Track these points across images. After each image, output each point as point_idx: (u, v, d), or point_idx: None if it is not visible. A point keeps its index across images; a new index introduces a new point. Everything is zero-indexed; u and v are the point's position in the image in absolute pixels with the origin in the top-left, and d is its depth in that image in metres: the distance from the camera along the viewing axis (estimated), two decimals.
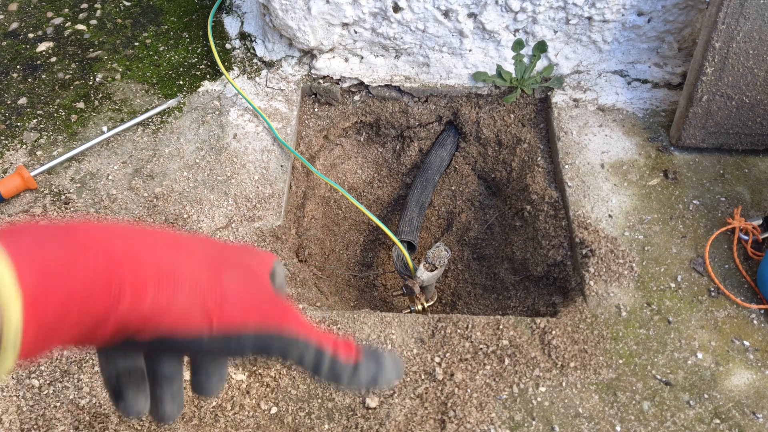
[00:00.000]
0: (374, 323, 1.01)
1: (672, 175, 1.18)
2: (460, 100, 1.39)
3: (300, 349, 0.33)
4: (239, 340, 0.31)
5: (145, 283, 0.29)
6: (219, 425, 0.91)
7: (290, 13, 1.28)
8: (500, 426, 0.90)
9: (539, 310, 1.15)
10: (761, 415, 0.91)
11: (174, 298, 0.30)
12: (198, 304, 0.30)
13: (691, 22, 1.29)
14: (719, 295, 1.03)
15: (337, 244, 1.46)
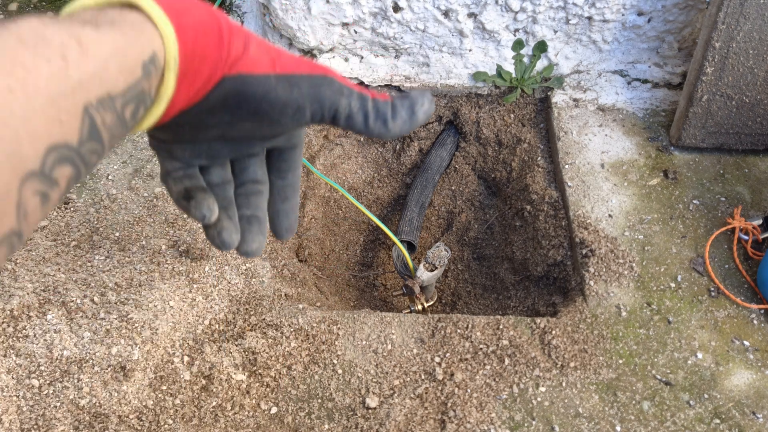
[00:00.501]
0: (374, 323, 1.01)
1: (672, 175, 1.18)
2: (460, 100, 1.39)
3: (346, 95, 0.39)
4: (297, 81, 0.38)
5: (232, 32, 0.36)
6: (219, 425, 0.91)
7: (290, 13, 1.28)
8: (500, 426, 0.90)
9: (539, 310, 1.15)
10: (761, 415, 0.91)
11: (248, 48, 0.37)
12: (264, 54, 0.37)
13: (691, 22, 1.29)
14: (719, 295, 1.03)
15: (337, 244, 1.46)
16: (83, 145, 0.28)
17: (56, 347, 0.95)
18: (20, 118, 0.25)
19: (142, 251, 1.09)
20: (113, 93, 0.29)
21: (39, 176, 0.26)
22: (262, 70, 0.37)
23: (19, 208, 0.25)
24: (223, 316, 1.01)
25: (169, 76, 0.32)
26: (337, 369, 0.96)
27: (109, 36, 0.29)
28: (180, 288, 1.03)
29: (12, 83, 0.24)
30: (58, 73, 0.26)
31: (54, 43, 0.26)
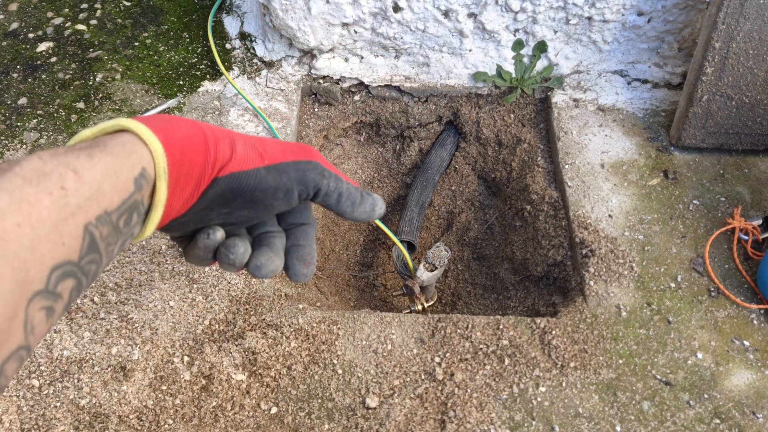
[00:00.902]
0: (374, 323, 1.01)
1: (672, 175, 1.18)
2: (460, 100, 1.39)
3: (327, 177, 0.43)
4: (285, 168, 0.41)
5: (217, 138, 0.39)
6: (219, 425, 0.91)
7: (290, 13, 1.28)
8: (500, 426, 0.90)
9: (539, 310, 1.15)
10: (761, 415, 0.91)
11: (235, 149, 0.40)
12: (251, 150, 0.41)
13: (691, 22, 1.29)
14: (719, 295, 1.03)
15: (337, 244, 1.46)
16: (83, 258, 0.31)
17: (56, 347, 0.95)
18: (28, 248, 0.28)
19: (142, 251, 1.09)
20: (109, 209, 0.33)
21: (44, 294, 0.29)
22: (252, 165, 0.41)
23: (26, 325, 0.28)
24: (223, 316, 1.01)
25: (160, 185, 0.36)
26: (337, 369, 0.96)
27: (101, 161, 0.33)
28: (180, 288, 1.03)
29: (20, 219, 0.28)
30: (58, 201, 0.30)
31: (53, 176, 0.30)
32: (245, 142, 0.41)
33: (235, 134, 0.42)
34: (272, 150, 0.42)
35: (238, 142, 0.41)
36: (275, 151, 0.42)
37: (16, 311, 0.27)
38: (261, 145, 0.42)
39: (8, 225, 0.27)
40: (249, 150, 0.41)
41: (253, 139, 0.42)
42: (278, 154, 0.42)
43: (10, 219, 0.28)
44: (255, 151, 0.41)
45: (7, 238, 0.27)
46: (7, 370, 0.27)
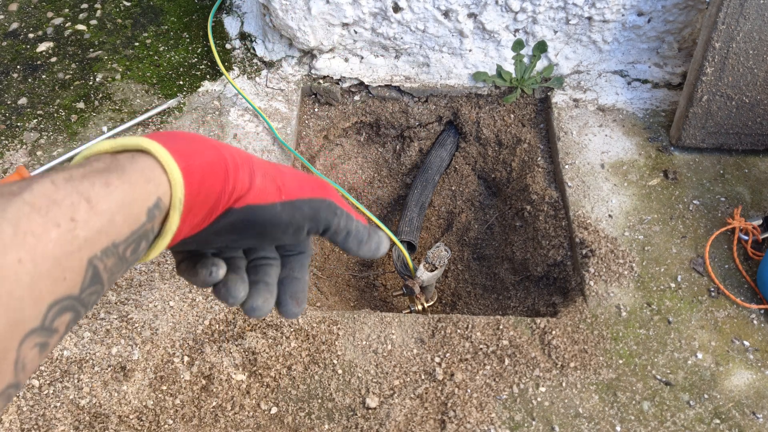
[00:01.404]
0: (374, 323, 1.01)
1: (672, 175, 1.18)
2: (460, 100, 1.39)
3: (338, 215, 0.43)
4: (300, 205, 0.41)
5: (237, 167, 0.38)
6: (219, 425, 0.91)
7: (290, 13, 1.28)
8: (500, 426, 0.90)
9: (539, 310, 1.15)
10: (761, 415, 0.91)
11: (254, 180, 0.39)
12: (270, 183, 0.40)
13: (691, 22, 1.29)
14: (719, 295, 1.03)
15: None
16: (84, 291, 0.30)
17: (56, 347, 0.95)
18: (26, 286, 0.26)
19: None
20: (117, 241, 0.31)
21: (39, 331, 0.27)
22: (269, 200, 0.40)
23: (17, 364, 0.26)
24: (223, 316, 1.01)
25: (173, 215, 0.35)
26: (337, 369, 0.96)
27: (117, 189, 0.31)
28: (180, 288, 1.03)
29: (22, 255, 0.26)
30: (66, 234, 0.28)
31: (64, 204, 0.29)
32: (265, 173, 0.40)
33: (255, 162, 0.41)
34: (290, 185, 0.41)
35: (258, 172, 0.40)
36: (293, 186, 0.41)
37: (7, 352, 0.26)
38: (280, 178, 0.41)
39: (9, 262, 0.26)
40: (268, 183, 0.40)
41: (273, 170, 0.41)
42: (296, 189, 0.41)
43: (12, 255, 0.26)
44: (274, 184, 0.40)
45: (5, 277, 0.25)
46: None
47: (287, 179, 0.42)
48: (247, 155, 0.41)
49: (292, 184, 0.41)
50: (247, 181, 0.39)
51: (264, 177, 0.40)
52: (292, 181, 0.42)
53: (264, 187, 0.40)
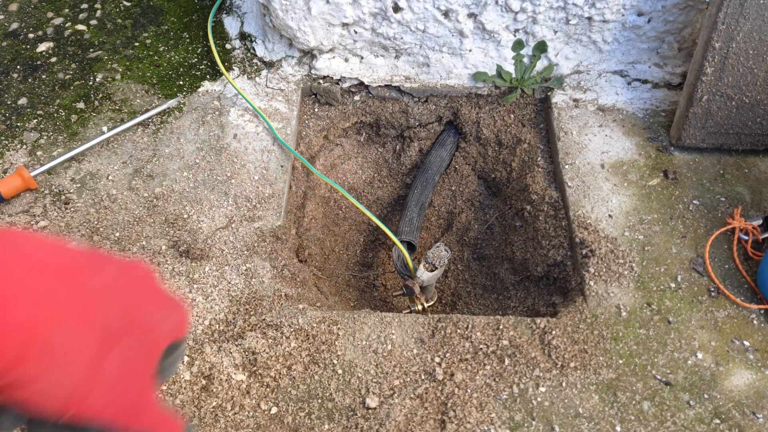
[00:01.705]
0: (374, 323, 1.01)
1: (672, 175, 1.18)
2: (460, 100, 1.39)
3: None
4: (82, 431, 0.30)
5: (28, 354, 0.28)
6: (219, 425, 0.91)
7: (290, 14, 1.28)
8: (500, 426, 0.90)
9: (539, 310, 1.15)
10: (761, 415, 0.91)
11: (44, 376, 0.28)
12: (63, 392, 0.29)
13: (691, 22, 1.29)
14: (719, 295, 1.03)
15: (337, 244, 1.46)
16: None
17: None
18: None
19: (142, 251, 1.09)
20: None
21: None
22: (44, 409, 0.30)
23: None
24: (223, 317, 1.01)
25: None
26: (337, 369, 0.96)
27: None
28: (180, 288, 1.03)
29: None
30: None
31: None
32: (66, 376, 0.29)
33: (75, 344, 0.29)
34: (95, 400, 0.30)
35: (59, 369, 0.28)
36: (97, 403, 0.30)
37: None
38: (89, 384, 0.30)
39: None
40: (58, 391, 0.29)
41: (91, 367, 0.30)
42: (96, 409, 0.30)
43: None
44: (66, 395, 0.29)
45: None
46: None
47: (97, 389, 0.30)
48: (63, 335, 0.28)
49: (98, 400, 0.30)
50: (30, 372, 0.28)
51: (63, 378, 0.29)
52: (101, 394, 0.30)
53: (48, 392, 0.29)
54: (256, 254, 1.10)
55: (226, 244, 1.10)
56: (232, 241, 1.11)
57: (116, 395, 0.31)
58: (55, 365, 0.28)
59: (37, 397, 0.28)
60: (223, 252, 1.09)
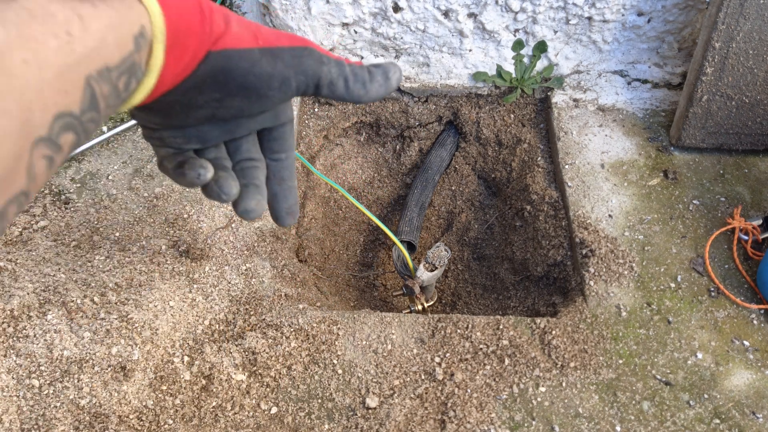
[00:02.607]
0: (374, 323, 1.01)
1: (672, 175, 1.18)
2: (460, 100, 1.39)
3: (326, 63, 0.41)
4: (280, 53, 0.39)
5: (212, 10, 0.37)
6: (219, 425, 0.91)
7: (290, 13, 1.28)
8: (500, 426, 0.90)
9: (539, 310, 1.15)
10: (761, 415, 0.91)
11: (230, 24, 0.38)
12: (245, 29, 0.39)
13: (691, 22, 1.29)
14: (719, 295, 1.03)
15: (337, 244, 1.46)
16: (84, 113, 0.30)
17: (56, 347, 0.95)
18: (33, 89, 0.26)
19: (142, 251, 1.09)
20: (110, 65, 0.31)
21: (47, 141, 0.28)
22: (245, 45, 0.38)
23: (29, 171, 0.27)
24: (223, 316, 1.01)
25: (157, 48, 0.34)
26: (337, 369, 0.96)
27: (104, 12, 0.31)
28: (180, 288, 1.04)
29: (27, 56, 0.26)
30: (65, 47, 0.28)
31: (59, 18, 0.28)
32: (239, 21, 0.39)
33: (228, 11, 0.39)
34: (266, 33, 0.40)
35: (232, 18, 0.39)
36: (269, 34, 0.40)
37: (22, 152, 0.26)
38: (255, 26, 0.40)
39: (16, 60, 0.25)
40: (243, 29, 0.39)
41: (247, 21, 0.40)
42: (273, 37, 0.40)
43: (18, 54, 0.26)
44: (249, 30, 0.39)
45: (15, 74, 0.25)
46: (9, 213, 0.27)
47: (263, 29, 0.40)
48: (218, 5, 0.39)
49: (269, 33, 0.40)
50: (222, 24, 0.37)
51: (238, 23, 0.39)
52: (269, 32, 0.40)
53: (240, 33, 0.38)
54: (256, 254, 1.10)
55: (226, 244, 1.10)
56: (232, 241, 1.11)
57: (279, 33, 0.40)
58: (230, 14, 0.38)
59: (236, 37, 0.38)
60: (223, 252, 1.09)
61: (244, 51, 0.38)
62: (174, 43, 0.35)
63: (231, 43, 0.38)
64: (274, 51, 0.39)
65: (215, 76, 0.38)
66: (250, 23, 0.40)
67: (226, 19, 0.38)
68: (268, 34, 0.40)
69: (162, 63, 0.35)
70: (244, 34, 0.38)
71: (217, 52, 0.37)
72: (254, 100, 0.40)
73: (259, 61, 0.38)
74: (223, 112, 0.41)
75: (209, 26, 0.36)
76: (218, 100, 0.39)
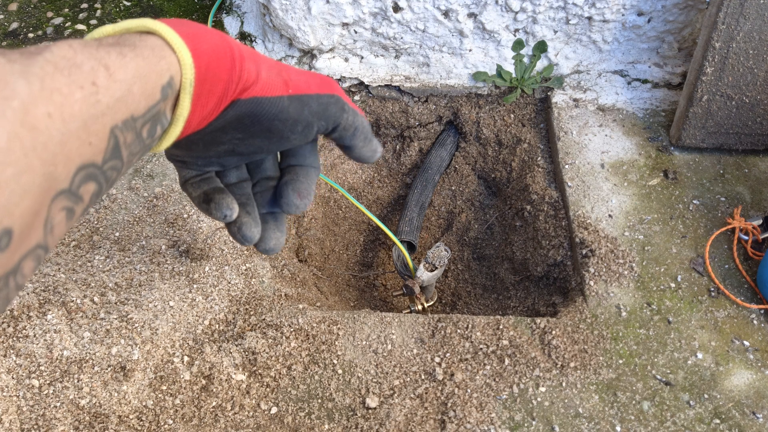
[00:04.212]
0: (374, 323, 1.01)
1: (672, 175, 1.18)
2: (460, 100, 1.39)
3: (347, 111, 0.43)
4: (308, 100, 0.40)
5: (243, 57, 0.37)
6: (219, 425, 0.91)
7: (290, 13, 1.28)
8: (500, 426, 0.90)
9: (539, 310, 1.15)
10: (761, 415, 0.91)
11: (260, 72, 0.38)
12: (276, 76, 0.39)
13: (691, 22, 1.29)
14: (719, 295, 1.03)
15: (337, 244, 1.46)
16: (106, 163, 0.30)
17: (56, 347, 0.95)
18: (57, 142, 0.26)
19: (142, 251, 1.09)
20: (136, 115, 0.31)
21: (67, 194, 0.28)
22: (275, 93, 0.39)
23: (47, 224, 0.27)
24: (223, 316, 1.01)
25: (184, 98, 0.34)
26: (337, 369, 0.96)
27: (132, 62, 0.31)
28: (180, 288, 1.03)
29: (51, 110, 0.26)
30: (90, 98, 0.28)
31: (85, 69, 0.28)
32: (270, 67, 0.40)
33: (260, 56, 0.40)
34: (297, 79, 0.41)
35: (263, 65, 0.39)
36: (300, 80, 0.41)
37: (41, 207, 0.26)
38: (286, 72, 0.40)
39: (40, 114, 0.25)
40: (274, 76, 0.39)
41: (278, 65, 0.41)
42: (303, 84, 0.41)
43: (42, 108, 0.26)
44: (280, 78, 0.39)
45: (39, 129, 0.25)
46: (25, 268, 0.26)
47: (293, 74, 0.41)
48: (251, 49, 0.39)
49: (299, 79, 0.41)
50: (253, 71, 0.38)
51: (270, 70, 0.39)
52: (299, 77, 0.41)
53: (270, 80, 0.39)
54: (256, 254, 1.10)
55: (226, 243, 1.10)
56: (232, 240, 1.11)
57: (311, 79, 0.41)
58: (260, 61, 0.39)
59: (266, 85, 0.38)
60: (223, 252, 1.09)
61: (274, 99, 0.39)
62: (201, 92, 0.35)
63: (261, 92, 0.38)
64: (302, 98, 0.40)
65: (241, 119, 0.38)
66: (282, 68, 0.40)
67: (257, 65, 0.38)
68: (299, 80, 0.40)
69: (188, 112, 0.35)
70: (275, 81, 0.39)
71: (245, 100, 0.38)
72: (275, 140, 0.41)
73: (287, 108, 0.39)
74: (242, 149, 0.42)
75: (238, 74, 0.37)
76: (240, 139, 0.40)
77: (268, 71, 0.39)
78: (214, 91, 0.36)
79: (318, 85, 0.41)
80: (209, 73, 0.35)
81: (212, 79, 0.35)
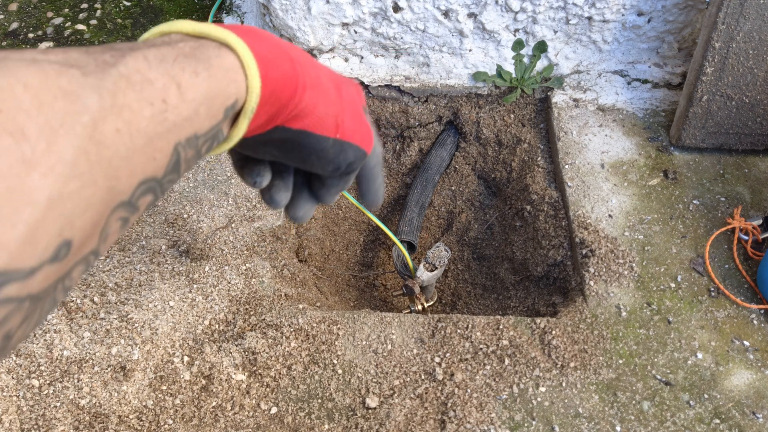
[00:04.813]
0: (374, 323, 1.01)
1: (672, 175, 1.18)
2: (460, 100, 1.39)
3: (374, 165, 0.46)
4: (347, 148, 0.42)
5: (305, 87, 0.38)
6: (219, 425, 0.91)
7: (290, 13, 1.28)
8: (500, 426, 0.90)
9: (539, 310, 1.15)
10: (761, 415, 0.91)
11: (317, 105, 0.39)
12: (330, 115, 0.40)
13: (691, 22, 1.29)
14: (719, 295, 1.03)
15: (337, 244, 1.46)
16: (166, 176, 0.31)
17: (56, 347, 0.95)
18: (122, 157, 0.27)
19: (142, 251, 1.09)
20: (199, 133, 0.32)
21: (126, 205, 0.29)
22: (324, 132, 0.40)
23: (103, 233, 0.28)
24: (223, 316, 1.01)
25: (243, 122, 0.35)
26: (337, 369, 0.96)
27: (204, 82, 0.32)
28: (180, 288, 1.03)
29: (120, 125, 0.27)
30: (158, 115, 0.29)
31: (157, 86, 0.29)
32: (329, 104, 0.40)
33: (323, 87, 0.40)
34: (348, 125, 0.42)
35: (322, 99, 0.39)
36: (350, 128, 0.42)
37: (100, 218, 0.27)
38: (341, 115, 0.41)
39: (108, 130, 0.26)
40: (330, 117, 0.40)
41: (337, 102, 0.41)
42: (350, 132, 0.42)
43: (111, 124, 0.26)
44: (334, 120, 0.40)
45: (106, 144, 0.26)
46: (74, 273, 0.27)
47: (347, 118, 0.42)
48: (317, 74, 0.40)
49: (350, 125, 0.42)
50: (311, 104, 0.38)
51: (327, 107, 0.40)
52: (351, 123, 0.42)
53: (324, 119, 0.40)
54: (256, 254, 1.10)
55: (225, 243, 1.10)
56: (232, 240, 1.11)
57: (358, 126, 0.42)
58: (320, 95, 0.39)
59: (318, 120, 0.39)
60: (223, 252, 1.09)
61: (320, 138, 0.40)
62: (258, 113, 0.36)
63: (312, 127, 0.39)
64: (344, 145, 0.42)
65: (285, 142, 0.40)
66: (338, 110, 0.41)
67: (317, 96, 0.39)
68: (350, 126, 0.42)
69: (244, 132, 0.36)
70: (328, 122, 0.40)
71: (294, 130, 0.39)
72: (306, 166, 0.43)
73: (328, 149, 0.41)
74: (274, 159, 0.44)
75: (295, 104, 0.38)
76: (275, 155, 0.42)
77: (326, 107, 0.40)
78: (269, 112, 0.37)
79: (362, 137, 0.43)
80: (272, 98, 0.36)
81: (272, 102, 0.36)
